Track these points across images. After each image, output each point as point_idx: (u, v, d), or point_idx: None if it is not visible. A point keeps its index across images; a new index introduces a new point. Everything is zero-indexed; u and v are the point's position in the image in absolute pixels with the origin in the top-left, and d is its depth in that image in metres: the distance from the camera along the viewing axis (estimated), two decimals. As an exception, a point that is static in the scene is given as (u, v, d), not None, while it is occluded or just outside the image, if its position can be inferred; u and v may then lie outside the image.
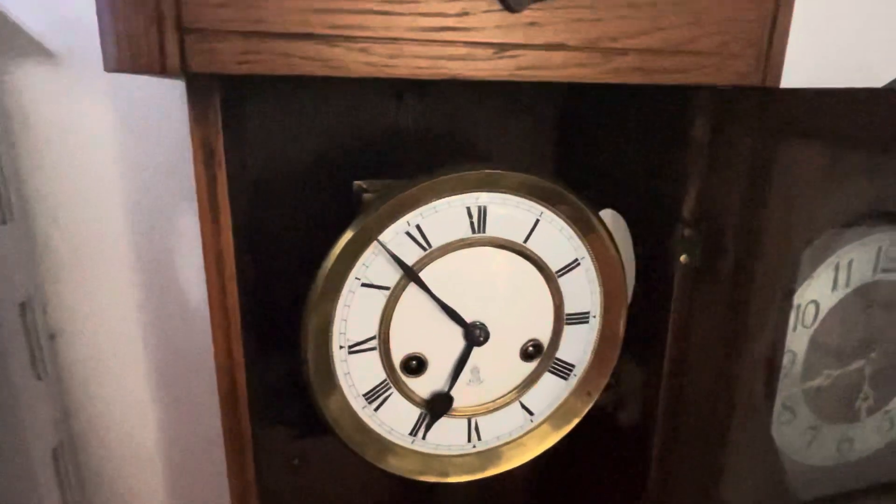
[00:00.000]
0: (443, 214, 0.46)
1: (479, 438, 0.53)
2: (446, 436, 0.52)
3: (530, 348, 0.51)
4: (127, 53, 0.33)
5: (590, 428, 0.54)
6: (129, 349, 0.69)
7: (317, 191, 0.58)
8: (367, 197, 0.46)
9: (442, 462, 0.52)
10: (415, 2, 0.36)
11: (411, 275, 0.46)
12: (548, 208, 0.48)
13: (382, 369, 0.48)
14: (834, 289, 0.53)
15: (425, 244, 0.46)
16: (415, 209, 0.45)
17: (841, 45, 0.79)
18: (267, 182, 0.57)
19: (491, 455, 0.54)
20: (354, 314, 0.46)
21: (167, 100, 0.63)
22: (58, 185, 0.63)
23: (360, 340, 0.47)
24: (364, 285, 0.46)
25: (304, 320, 0.45)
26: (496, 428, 0.53)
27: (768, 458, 0.56)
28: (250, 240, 0.56)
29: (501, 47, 0.38)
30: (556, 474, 0.72)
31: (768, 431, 0.55)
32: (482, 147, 0.62)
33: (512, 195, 0.47)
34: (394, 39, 0.36)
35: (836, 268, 0.52)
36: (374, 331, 0.47)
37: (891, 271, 0.54)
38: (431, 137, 0.60)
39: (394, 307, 0.47)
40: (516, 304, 0.50)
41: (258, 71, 0.35)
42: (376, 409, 0.49)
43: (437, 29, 0.37)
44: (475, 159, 0.62)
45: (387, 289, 0.46)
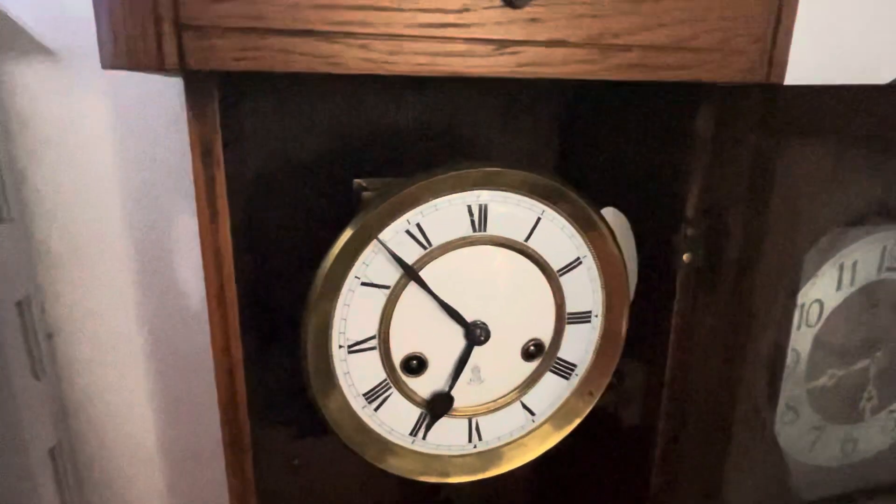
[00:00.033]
0: (443, 213, 0.46)
1: (479, 438, 0.53)
2: (447, 436, 0.52)
3: (531, 348, 0.51)
4: (124, 50, 0.33)
5: (591, 428, 0.54)
6: (128, 348, 0.69)
7: (316, 189, 0.58)
8: (366, 195, 0.46)
9: (442, 462, 0.52)
10: (415, -3, 0.36)
11: (411, 274, 0.46)
12: (549, 206, 0.48)
13: (382, 369, 0.48)
14: (838, 288, 0.53)
15: (425, 243, 0.46)
16: (415, 207, 0.45)
17: (846, 41, 0.79)
18: (266, 180, 0.57)
19: (492, 455, 0.53)
20: (354, 313, 0.46)
21: (166, 98, 0.62)
22: (56, 184, 0.63)
23: (359, 340, 0.47)
24: (364, 284, 0.45)
25: (303, 319, 0.45)
26: (497, 428, 0.53)
27: (771, 459, 0.56)
28: (249, 238, 0.56)
29: (502, 44, 0.38)
30: (557, 475, 0.71)
31: (771, 432, 0.55)
32: (483, 145, 0.62)
33: (513, 193, 0.47)
34: (393, 36, 0.36)
35: (841, 267, 0.52)
36: (374, 330, 0.47)
37: (896, 270, 0.54)
38: (431, 135, 0.60)
39: (394, 306, 0.47)
40: (517, 304, 0.50)
41: (257, 68, 0.35)
42: (376, 409, 0.49)
43: (437, 25, 0.36)
44: (475, 157, 0.62)
45: (387, 288, 0.46)
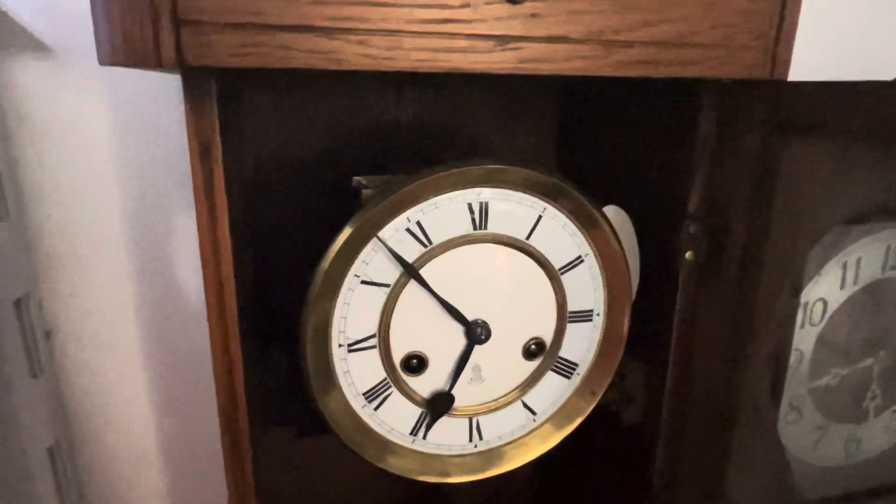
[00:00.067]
0: (443, 210, 0.45)
1: (480, 438, 0.52)
2: (447, 435, 0.51)
3: (533, 347, 0.51)
4: (121, 46, 0.33)
5: (593, 427, 0.54)
6: (127, 347, 0.69)
7: (315, 187, 0.58)
8: (366, 193, 0.46)
9: (443, 462, 0.52)
10: (414, -7, 0.35)
11: (412, 272, 0.45)
12: (551, 204, 0.48)
13: (382, 368, 0.48)
14: (842, 286, 0.52)
15: (426, 241, 0.46)
16: (415, 205, 0.45)
17: (850, 37, 0.78)
18: (265, 178, 0.57)
19: (492, 455, 0.53)
20: (354, 312, 0.46)
21: (165, 94, 0.62)
22: (54, 182, 0.62)
23: (359, 339, 0.46)
24: (363, 283, 0.45)
25: (302, 318, 0.44)
26: (498, 427, 0.53)
27: (774, 459, 0.56)
28: (248, 236, 0.55)
29: (502, 40, 0.37)
30: (558, 474, 0.71)
31: (774, 431, 0.55)
32: (483, 142, 0.62)
33: (514, 191, 0.46)
34: (393, 31, 0.36)
35: (845, 265, 0.52)
36: (374, 329, 0.47)
37: (900, 269, 0.54)
38: (432, 132, 0.60)
39: (394, 305, 0.46)
40: (518, 302, 0.49)
41: (255, 64, 0.34)
42: (376, 409, 0.49)
43: (437, 21, 0.36)
44: (476, 154, 0.61)
45: (387, 286, 0.46)
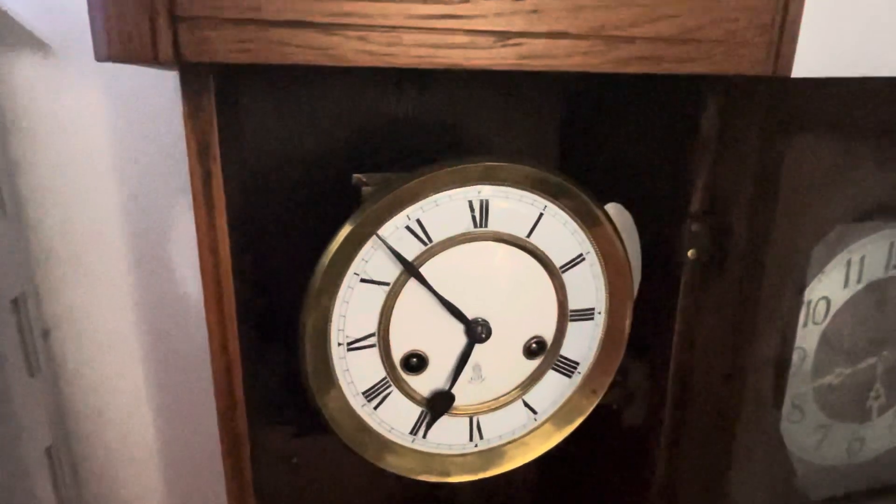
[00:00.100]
0: (444, 208, 0.45)
1: (480, 437, 0.52)
2: (447, 435, 0.51)
3: (533, 345, 0.51)
4: (118, 42, 0.33)
5: (594, 426, 0.54)
6: (125, 346, 0.69)
7: (315, 184, 0.57)
8: (366, 190, 0.46)
9: (443, 461, 0.52)
10: (414, -12, 0.35)
11: (411, 270, 0.45)
12: (551, 202, 0.47)
13: (382, 367, 0.47)
14: (846, 285, 0.52)
15: (426, 239, 0.45)
16: (415, 203, 0.44)
17: (855, 33, 0.78)
18: (264, 176, 0.57)
19: (493, 454, 0.53)
20: (353, 310, 0.45)
21: (164, 91, 0.62)
22: (52, 180, 0.62)
23: (359, 337, 0.46)
24: (363, 281, 0.45)
25: (302, 317, 0.44)
26: (498, 427, 0.52)
27: (776, 458, 0.56)
28: (247, 234, 0.55)
29: (503, 35, 0.37)
30: (559, 474, 0.71)
31: (777, 430, 0.54)
32: (484, 139, 0.62)
33: (515, 188, 0.46)
34: (392, 27, 0.35)
35: (848, 264, 0.51)
36: (374, 327, 0.46)
37: (904, 267, 0.53)
38: (432, 130, 0.60)
39: (393, 303, 0.46)
40: (519, 301, 0.49)
41: (253, 60, 0.34)
42: (376, 408, 0.48)
43: (437, 16, 0.36)
44: (477, 152, 0.61)
45: (386, 284, 0.45)
